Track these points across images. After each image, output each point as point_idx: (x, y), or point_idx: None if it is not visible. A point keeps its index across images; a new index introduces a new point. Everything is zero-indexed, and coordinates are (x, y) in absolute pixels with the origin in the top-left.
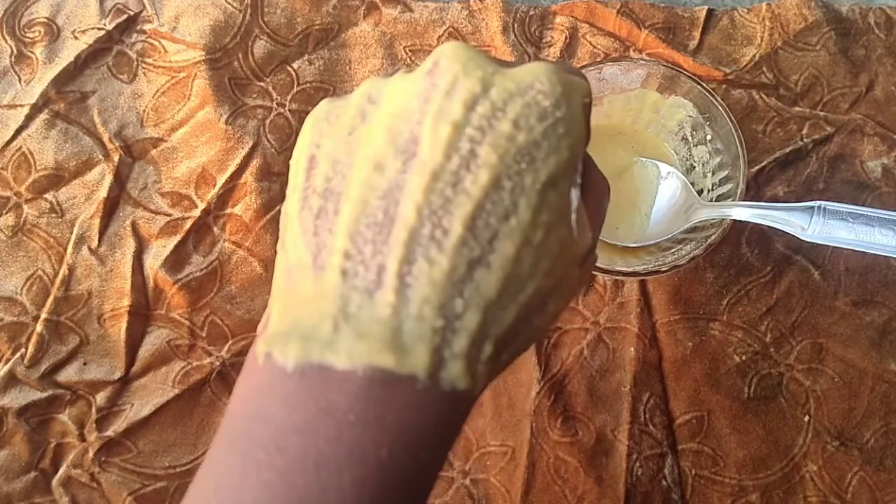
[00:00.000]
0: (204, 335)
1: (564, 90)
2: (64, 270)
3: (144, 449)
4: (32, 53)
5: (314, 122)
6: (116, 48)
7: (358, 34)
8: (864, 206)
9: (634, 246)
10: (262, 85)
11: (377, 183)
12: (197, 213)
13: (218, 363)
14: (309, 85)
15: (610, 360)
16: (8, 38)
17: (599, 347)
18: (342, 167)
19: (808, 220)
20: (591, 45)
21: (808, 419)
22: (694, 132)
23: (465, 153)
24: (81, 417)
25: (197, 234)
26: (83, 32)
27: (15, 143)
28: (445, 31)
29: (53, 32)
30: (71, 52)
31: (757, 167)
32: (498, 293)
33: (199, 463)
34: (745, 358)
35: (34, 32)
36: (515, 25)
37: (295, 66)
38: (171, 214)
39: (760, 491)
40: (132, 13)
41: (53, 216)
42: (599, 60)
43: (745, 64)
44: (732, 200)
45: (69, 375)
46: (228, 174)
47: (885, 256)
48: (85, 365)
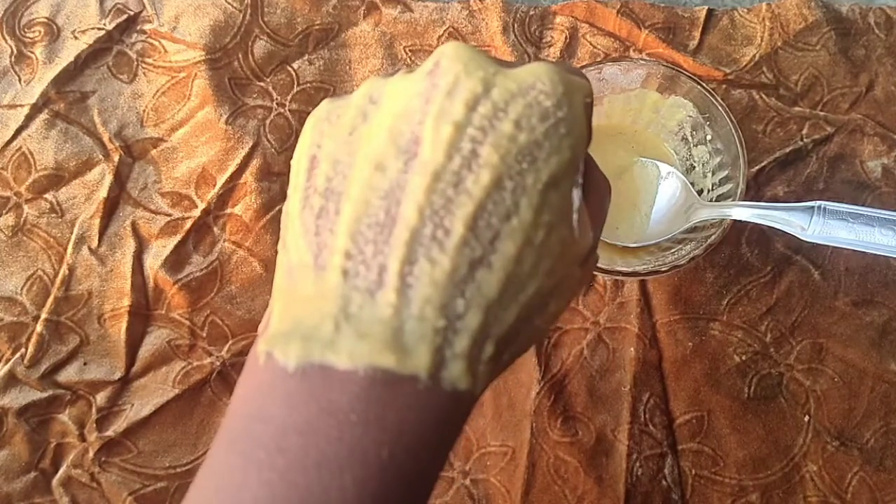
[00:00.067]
0: (204, 335)
1: (566, 90)
2: (64, 270)
3: (145, 449)
4: (32, 53)
5: (315, 122)
6: (116, 48)
7: (358, 34)
8: (864, 206)
9: (634, 246)
10: (262, 85)
11: (378, 183)
12: (197, 213)
13: (218, 363)
14: (309, 85)
15: (610, 360)
16: (8, 38)
17: (599, 347)
18: (343, 167)
19: (808, 220)
20: (591, 45)
21: (808, 419)
22: (694, 132)
23: (466, 153)
24: (81, 417)
25: (197, 234)
26: (83, 32)
27: (15, 143)
28: (445, 31)
29: (53, 32)
30: (71, 52)
31: (757, 167)
32: (499, 293)
33: (199, 463)
34: (745, 358)
35: (34, 32)
36: (515, 25)
37: (295, 66)
38: (171, 214)
39: (760, 491)
40: (132, 13)
41: (53, 216)
42: (599, 60)
43: (745, 64)
44: (732, 200)
45: (69, 375)
46: (228, 174)
47: (885, 256)
48: (85, 365)
